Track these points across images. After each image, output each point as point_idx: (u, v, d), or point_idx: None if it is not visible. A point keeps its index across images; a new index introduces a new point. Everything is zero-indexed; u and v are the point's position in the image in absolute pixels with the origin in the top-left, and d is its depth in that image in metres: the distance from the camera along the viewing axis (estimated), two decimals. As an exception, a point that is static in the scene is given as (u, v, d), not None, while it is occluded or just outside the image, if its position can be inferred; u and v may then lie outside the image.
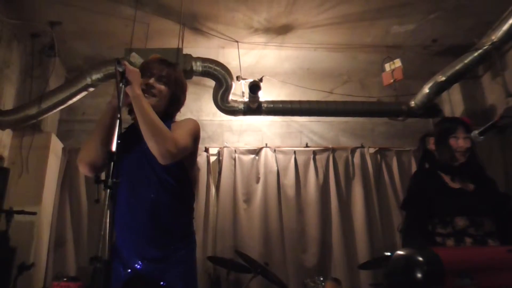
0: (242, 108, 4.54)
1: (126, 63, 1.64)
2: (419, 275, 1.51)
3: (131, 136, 1.78)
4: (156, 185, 1.75)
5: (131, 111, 1.78)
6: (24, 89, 4.45)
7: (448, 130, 2.31)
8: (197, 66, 4.14)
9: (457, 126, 2.29)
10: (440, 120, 2.60)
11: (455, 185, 2.26)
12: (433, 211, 2.19)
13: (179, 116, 1.99)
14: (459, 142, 2.25)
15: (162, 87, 1.82)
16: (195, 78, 4.30)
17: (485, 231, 2.11)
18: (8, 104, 4.25)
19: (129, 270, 1.69)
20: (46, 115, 4.28)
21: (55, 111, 4.32)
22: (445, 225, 2.15)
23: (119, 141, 1.40)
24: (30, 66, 4.50)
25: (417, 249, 1.62)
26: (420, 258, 1.54)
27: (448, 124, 2.38)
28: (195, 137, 1.82)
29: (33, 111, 4.15)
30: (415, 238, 2.19)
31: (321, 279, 3.59)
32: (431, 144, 2.38)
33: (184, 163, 1.80)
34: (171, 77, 1.86)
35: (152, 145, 1.65)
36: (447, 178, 2.29)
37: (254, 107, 4.52)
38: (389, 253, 3.50)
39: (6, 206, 3.59)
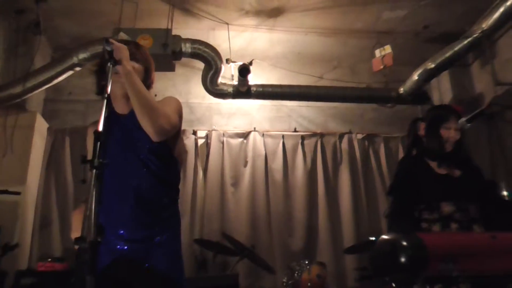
0: (231, 91, 4.50)
1: (114, 41, 1.61)
2: (403, 259, 1.52)
3: (109, 118, 1.75)
4: (139, 166, 1.74)
5: (101, 91, 1.74)
6: (8, 67, 4.33)
7: (440, 118, 2.30)
8: (186, 48, 4.08)
9: (450, 116, 2.28)
10: (433, 107, 2.58)
11: (442, 171, 2.27)
12: (419, 197, 2.21)
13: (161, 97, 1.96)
14: (451, 133, 2.25)
15: (136, 64, 1.79)
16: (184, 59, 4.24)
17: (471, 217, 2.13)
18: (-8, 82, 4.16)
19: (113, 251, 1.67)
20: (31, 94, 4.19)
21: (40, 90, 4.22)
22: (431, 211, 2.17)
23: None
24: (15, 43, 4.38)
25: (402, 234, 1.63)
26: (405, 243, 1.55)
27: (441, 112, 2.37)
28: (180, 114, 1.83)
29: (17, 89, 4.05)
30: (401, 223, 2.21)
31: (307, 262, 3.62)
32: (421, 130, 2.36)
33: (167, 141, 1.78)
34: (139, 53, 1.84)
35: (145, 122, 1.65)
36: (433, 164, 2.30)
37: (243, 91, 4.48)
38: (374, 238, 3.54)
39: (-10, 186, 3.54)
